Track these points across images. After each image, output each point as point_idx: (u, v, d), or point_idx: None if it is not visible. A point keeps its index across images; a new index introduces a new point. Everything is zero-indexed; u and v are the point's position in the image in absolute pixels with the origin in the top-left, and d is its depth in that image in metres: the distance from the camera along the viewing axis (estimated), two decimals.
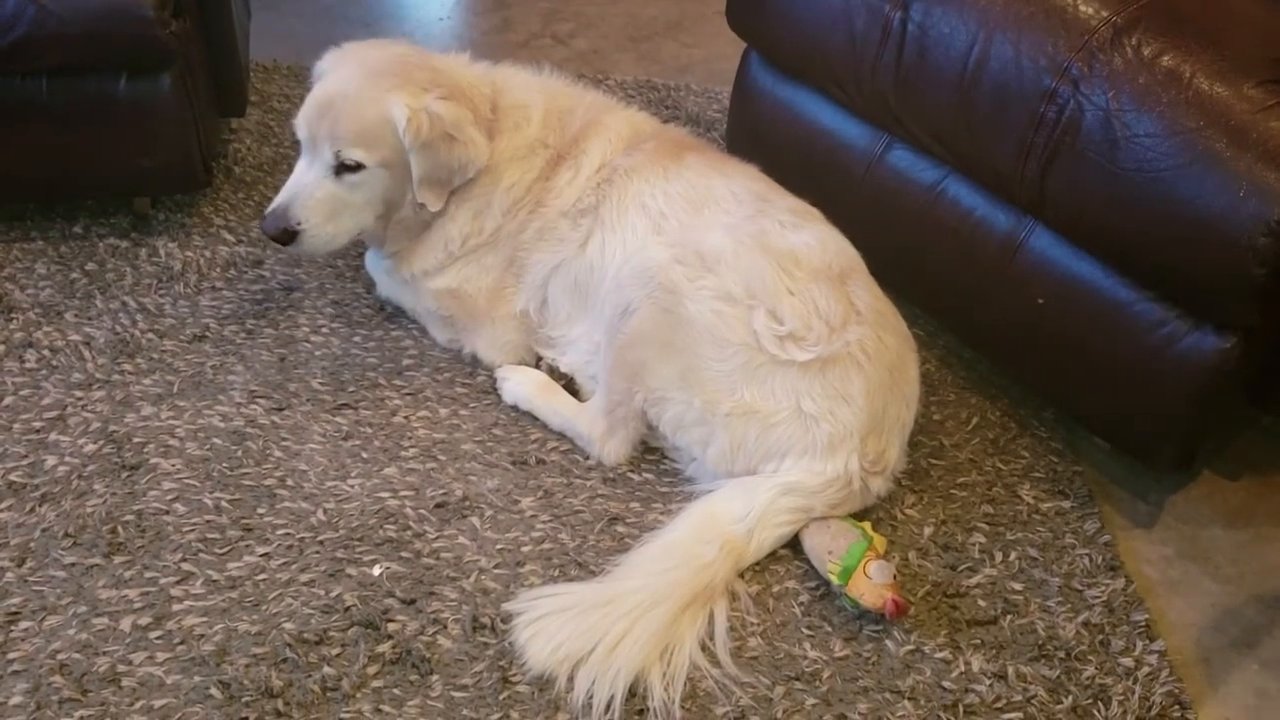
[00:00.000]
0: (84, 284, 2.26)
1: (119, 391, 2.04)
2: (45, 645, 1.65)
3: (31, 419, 1.98)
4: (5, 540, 1.78)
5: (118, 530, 1.81)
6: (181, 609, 1.71)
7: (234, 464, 1.93)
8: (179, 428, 1.99)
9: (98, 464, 1.91)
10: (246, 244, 2.39)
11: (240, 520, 1.84)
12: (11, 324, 2.15)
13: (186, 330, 2.18)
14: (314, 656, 1.66)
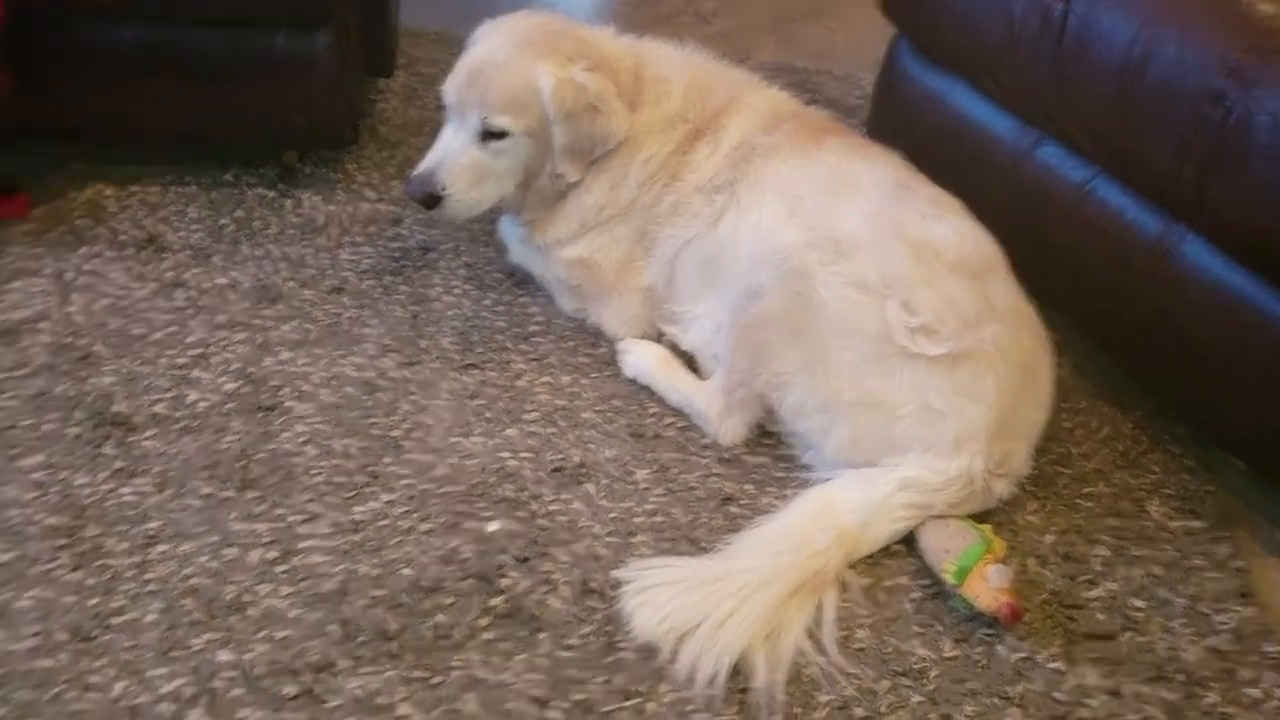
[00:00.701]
0: (232, 230, 2.35)
1: (259, 335, 2.12)
2: (179, 569, 1.73)
3: (177, 355, 2.07)
4: (148, 468, 1.87)
5: (251, 467, 1.88)
6: (307, 547, 1.77)
7: (364, 413, 1.99)
8: (314, 374, 2.05)
9: (236, 403, 1.99)
10: (387, 202, 2.46)
11: (367, 467, 1.90)
12: (164, 263, 2.25)
13: (326, 281, 2.25)
14: (429, 604, 1.70)
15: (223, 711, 1.56)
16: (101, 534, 1.77)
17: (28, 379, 2.00)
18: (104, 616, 1.67)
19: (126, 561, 1.74)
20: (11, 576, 1.71)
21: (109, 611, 1.67)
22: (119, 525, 1.78)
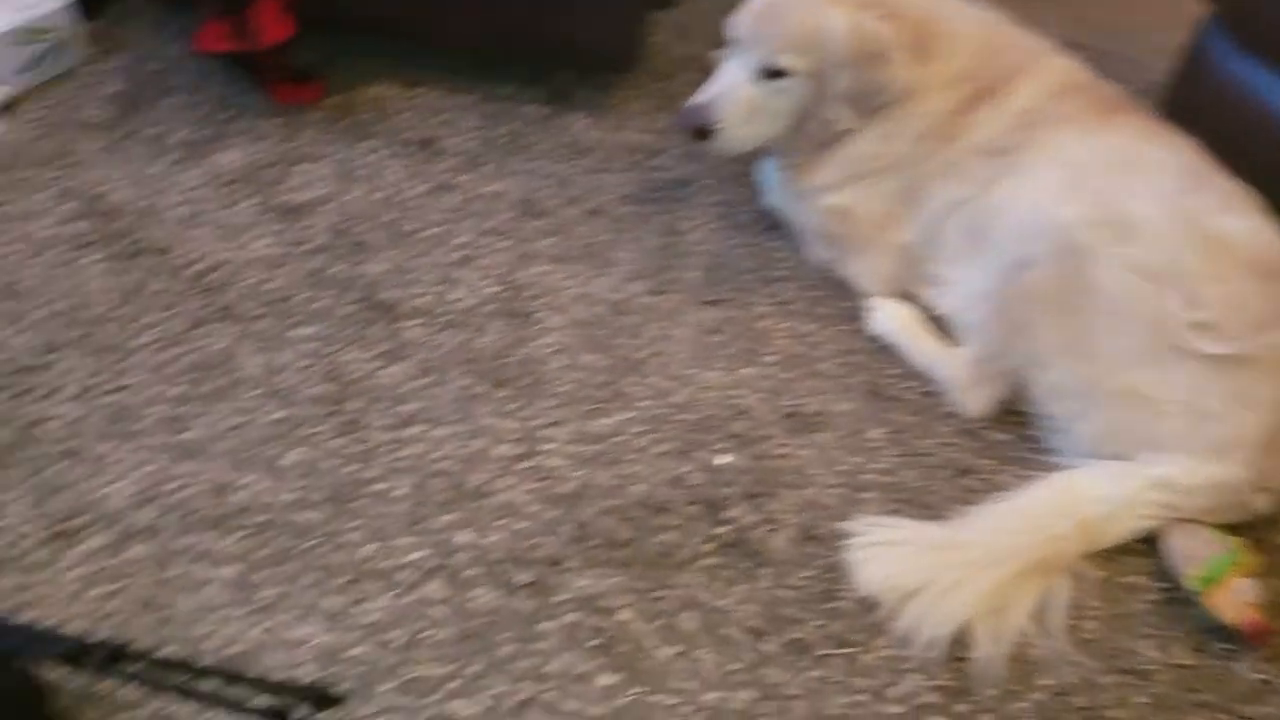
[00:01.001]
0: (504, 143, 2.43)
1: (522, 246, 2.20)
2: (431, 451, 1.83)
3: (444, 254, 2.17)
4: (410, 355, 1.98)
5: (505, 368, 1.96)
6: (549, 449, 1.84)
7: (611, 332, 2.05)
8: (568, 289, 2.12)
9: (495, 305, 2.08)
10: (651, 134, 2.49)
11: (609, 384, 1.96)
12: (439, 166, 2.36)
13: (586, 203, 2.31)
14: (656, 522, 1.75)
15: (459, 586, 1.65)
16: (363, 408, 1.89)
17: (307, 255, 2.14)
18: (360, 483, 1.78)
19: (384, 437, 1.85)
20: (281, 434, 1.84)
21: (364, 480, 1.79)
22: (379, 403, 1.90)
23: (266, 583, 1.65)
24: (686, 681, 1.56)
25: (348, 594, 1.64)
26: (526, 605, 1.64)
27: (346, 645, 1.58)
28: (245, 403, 1.89)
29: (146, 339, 1.97)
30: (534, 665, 1.57)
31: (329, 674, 1.55)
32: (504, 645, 1.59)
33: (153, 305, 2.03)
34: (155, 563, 1.67)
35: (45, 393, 1.89)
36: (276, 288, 2.07)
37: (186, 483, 1.77)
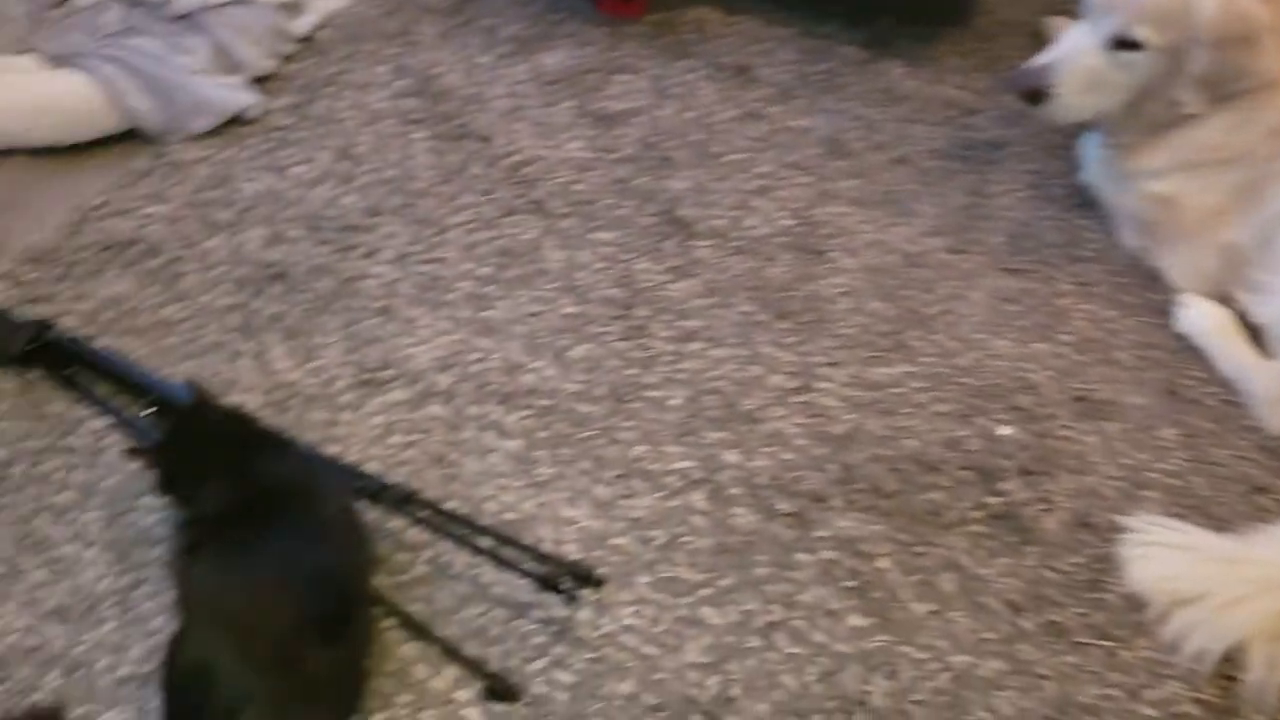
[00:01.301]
0: (818, 80, 2.42)
1: (822, 184, 2.19)
2: (708, 369, 1.86)
3: (745, 180, 2.19)
4: (699, 273, 2.01)
5: (790, 301, 1.97)
6: (824, 388, 1.85)
7: (902, 283, 2.02)
8: (863, 234, 2.10)
9: (788, 238, 2.08)
10: (969, 91, 2.42)
11: (893, 334, 1.93)
12: (751, 94, 2.37)
13: (893, 151, 2.27)
14: (925, 480, 1.73)
15: (721, 502, 1.69)
16: (650, 317, 1.94)
17: (616, 164, 2.21)
18: (638, 387, 1.84)
19: (666, 347, 1.90)
20: (572, 327, 1.92)
21: (642, 384, 1.84)
22: (665, 314, 1.95)
23: (544, 462, 1.73)
24: (937, 639, 1.55)
25: (616, 487, 1.71)
26: (786, 534, 1.65)
27: (610, 534, 1.65)
28: (543, 293, 1.97)
29: (462, 218, 2.09)
30: (786, 592, 1.59)
31: (591, 557, 1.62)
32: (759, 567, 1.62)
33: (470, 188, 2.14)
34: (448, 424, 1.78)
35: (367, 252, 2.03)
36: (583, 190, 2.15)
37: (483, 357, 1.87)
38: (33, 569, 1.61)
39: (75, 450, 1.74)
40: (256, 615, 1.34)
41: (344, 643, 1.39)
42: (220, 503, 1.46)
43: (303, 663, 1.32)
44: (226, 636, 1.32)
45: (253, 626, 1.33)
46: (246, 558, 1.40)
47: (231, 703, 1.28)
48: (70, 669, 1.51)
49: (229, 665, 1.29)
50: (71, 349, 1.80)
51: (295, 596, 1.36)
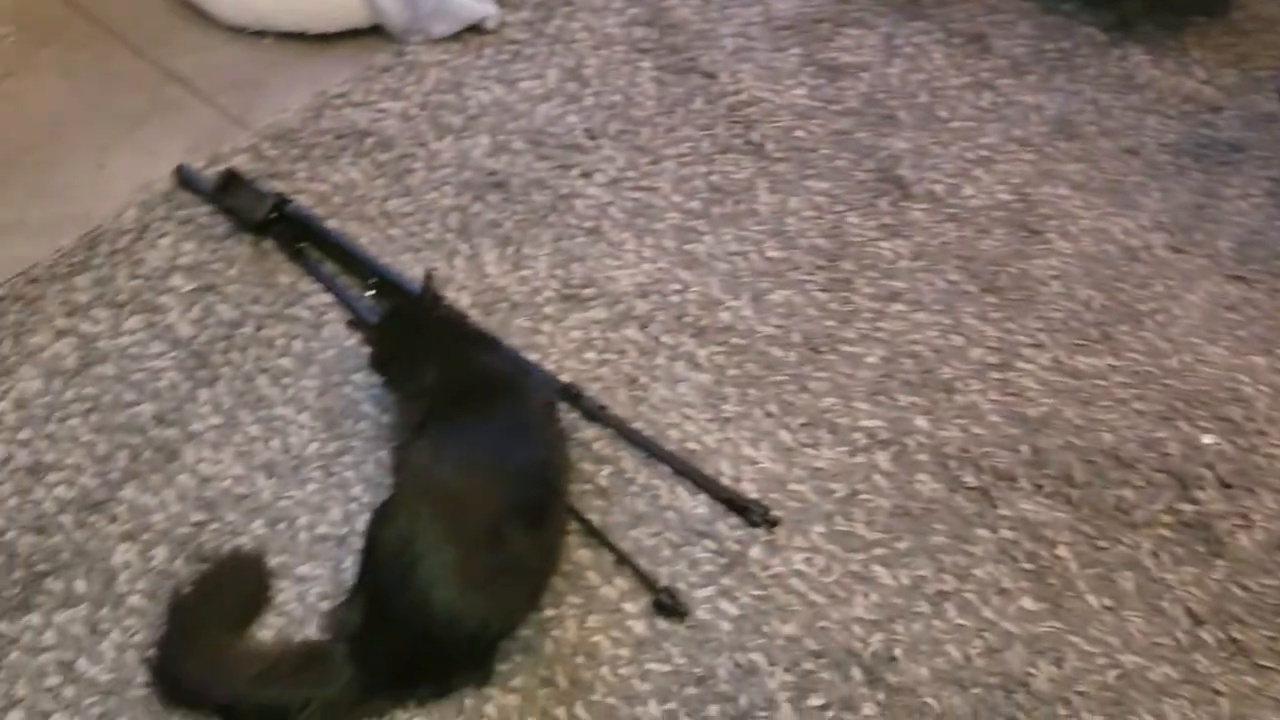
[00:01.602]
0: (1053, 57, 2.34)
1: (1046, 163, 2.13)
2: (909, 332, 1.85)
3: (967, 149, 2.15)
4: (910, 235, 1.99)
5: (999, 276, 1.94)
6: (1024, 369, 1.81)
7: (1117, 275, 1.96)
8: (1083, 219, 2.04)
9: (1005, 213, 2.04)
10: (1213, 87, 2.30)
11: (1102, 325, 1.88)
12: (983, 63, 2.31)
13: (1124, 139, 2.19)
14: (1117, 476, 1.68)
15: (906, 466, 1.68)
16: (855, 272, 1.93)
17: (837, 115, 2.19)
18: (835, 339, 1.84)
19: (868, 305, 1.89)
20: (775, 271, 1.93)
21: (840, 337, 1.84)
22: (870, 271, 1.94)
23: (732, 399, 1.76)
24: (1109, 635, 1.52)
25: (800, 434, 1.72)
26: (968, 507, 1.64)
27: (790, 480, 1.67)
28: (750, 233, 1.99)
29: (678, 151, 2.11)
30: (961, 564, 1.58)
31: (767, 499, 1.64)
32: (936, 535, 1.61)
33: (690, 121, 2.16)
34: (642, 349, 1.82)
35: (583, 172, 2.08)
36: (802, 137, 2.14)
37: (683, 289, 1.90)
38: (249, 424, 1.72)
39: (298, 320, 1.84)
40: (468, 496, 1.41)
41: (542, 532, 1.45)
42: (435, 387, 1.54)
43: (505, 545, 1.38)
44: (437, 512, 1.39)
45: (464, 506, 1.40)
46: (462, 441, 1.47)
47: (433, 576, 1.35)
48: (273, 520, 1.61)
49: (435, 540, 1.36)
50: (306, 225, 1.91)
51: (505, 482, 1.42)
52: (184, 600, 1.51)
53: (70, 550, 1.59)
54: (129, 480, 1.66)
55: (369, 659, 1.40)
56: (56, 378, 1.78)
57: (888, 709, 1.45)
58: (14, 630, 1.51)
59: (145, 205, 2.00)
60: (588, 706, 1.45)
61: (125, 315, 1.85)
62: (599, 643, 1.50)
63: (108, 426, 1.72)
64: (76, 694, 1.46)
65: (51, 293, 1.88)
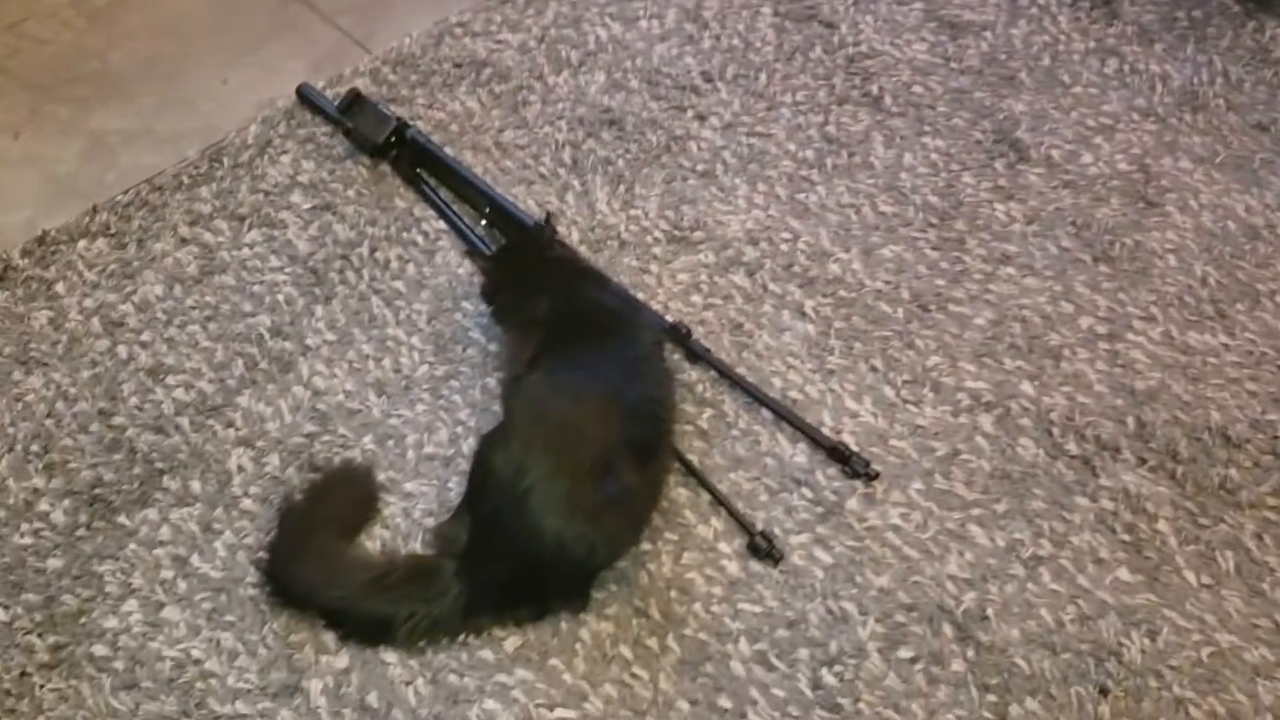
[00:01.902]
0: (1184, 27, 2.28)
1: (1169, 134, 2.08)
2: (1018, 296, 1.84)
3: (1088, 115, 2.10)
4: (1025, 199, 1.97)
5: (1114, 245, 1.91)
6: (1133, 340, 1.79)
7: (1236, 253, 1.91)
8: (1204, 194, 1.99)
9: (1122, 183, 2.00)
10: None
11: (1217, 302, 1.85)
12: (1110, 29, 2.26)
13: (1253, 114, 2.13)
14: (1224, 454, 1.66)
15: (1009, 430, 1.68)
16: (967, 231, 1.92)
17: (957, 73, 2.16)
18: (943, 299, 1.83)
19: (978, 266, 1.87)
20: (887, 226, 1.92)
21: (949, 297, 1.83)
22: (983, 233, 1.92)
23: (836, 351, 1.76)
24: (1205, 614, 1.51)
25: (904, 391, 1.72)
26: (1068, 474, 1.64)
27: (891, 435, 1.67)
28: (863, 186, 1.97)
29: (794, 99, 2.10)
30: (1059, 530, 1.58)
31: (867, 452, 1.64)
32: (1035, 500, 1.61)
33: (808, 70, 2.15)
34: (748, 295, 1.83)
35: (697, 115, 2.07)
36: (920, 93, 2.12)
37: (793, 238, 1.90)
38: (362, 342, 1.76)
39: (413, 245, 1.88)
40: (581, 429, 1.43)
41: (649, 468, 1.47)
42: (548, 321, 1.56)
43: (614, 479, 1.41)
44: (550, 444, 1.42)
45: (576, 439, 1.42)
46: (575, 376, 1.49)
47: (544, 505, 1.39)
48: (383, 437, 1.66)
49: (548, 470, 1.39)
50: (424, 151, 1.93)
51: (618, 417, 1.45)
52: (296, 506, 1.56)
53: (187, 451, 1.65)
54: (245, 388, 1.71)
55: (475, 578, 1.44)
56: (178, 284, 1.83)
57: (977, 666, 1.46)
58: (132, 523, 1.58)
59: (267, 121, 2.04)
60: (679, 640, 1.48)
61: (246, 228, 1.90)
62: (693, 579, 1.53)
63: (226, 335, 1.77)
64: (189, 589, 1.52)
65: (175, 201, 1.93)
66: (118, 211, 1.91)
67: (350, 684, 1.43)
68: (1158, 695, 1.44)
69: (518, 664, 1.45)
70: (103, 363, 1.74)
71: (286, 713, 1.41)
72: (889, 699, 1.43)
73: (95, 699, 1.43)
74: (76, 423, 1.67)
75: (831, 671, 1.45)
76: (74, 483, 1.61)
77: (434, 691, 1.43)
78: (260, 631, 1.48)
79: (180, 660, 1.46)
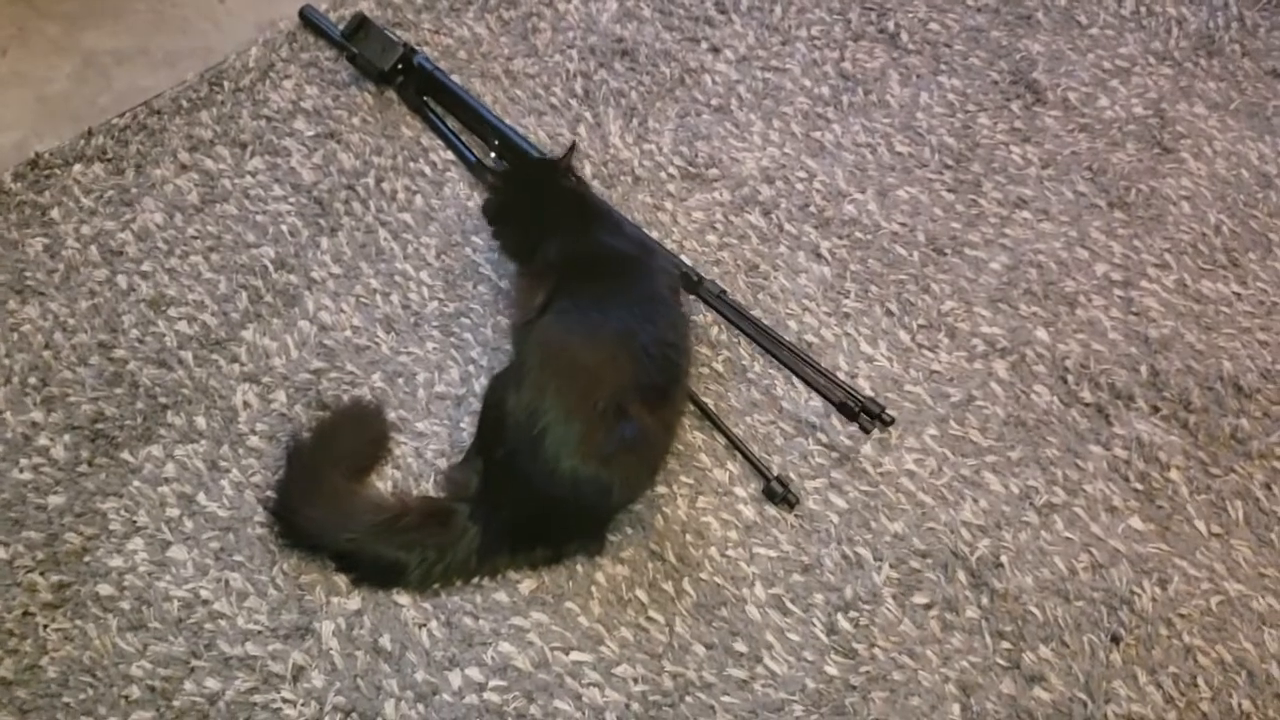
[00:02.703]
0: None
1: (1185, 79, 2.06)
2: (1034, 240, 1.82)
3: (1105, 58, 2.07)
4: (1041, 142, 1.94)
5: (1129, 191, 1.89)
6: (1146, 289, 1.78)
7: (1250, 201, 1.90)
8: (1219, 141, 1.97)
9: (1137, 127, 1.98)
10: None
11: (1230, 250, 1.84)
12: None
13: (1268, 60, 2.10)
14: (1235, 404, 1.67)
15: (1023, 377, 1.67)
16: (982, 174, 1.89)
17: (974, 11, 2.12)
18: (959, 242, 1.81)
19: (994, 210, 1.85)
20: (902, 167, 1.89)
21: (964, 240, 1.82)
22: (998, 175, 1.89)
23: (852, 295, 1.74)
24: (1214, 562, 1.53)
25: (919, 336, 1.71)
26: (1082, 422, 1.64)
27: (906, 381, 1.66)
28: (879, 125, 1.94)
29: (810, 33, 2.05)
30: (1072, 478, 1.59)
31: (882, 397, 1.64)
32: (1049, 448, 1.61)
33: (823, 4, 2.10)
34: (764, 235, 1.80)
35: (712, 47, 2.02)
36: (938, 31, 2.08)
37: (808, 178, 1.87)
38: (369, 276, 1.72)
39: (420, 175, 1.83)
40: (596, 371, 1.41)
41: (663, 411, 1.45)
42: (561, 262, 1.53)
43: (629, 421, 1.39)
44: (564, 385, 1.39)
45: (591, 381, 1.40)
46: (589, 318, 1.46)
47: (558, 448, 1.37)
48: (392, 375, 1.63)
49: (562, 412, 1.37)
50: (432, 79, 1.87)
51: (632, 360, 1.42)
52: (304, 445, 1.53)
53: (192, 386, 1.61)
54: (250, 322, 1.67)
55: (490, 522, 1.42)
56: (178, 212, 1.78)
57: (990, 613, 1.47)
58: (136, 460, 1.55)
59: (269, 44, 1.97)
60: (694, 583, 1.47)
61: (248, 155, 1.84)
62: (709, 523, 1.52)
63: (229, 266, 1.72)
64: (195, 527, 1.50)
65: (174, 125, 1.87)
66: (114, 135, 1.85)
67: (363, 626, 1.42)
68: (1168, 643, 1.46)
69: (533, 607, 1.44)
70: (102, 293, 1.69)
71: (298, 654, 1.40)
72: (903, 645, 1.44)
73: (101, 639, 1.40)
74: (76, 355, 1.63)
75: (846, 617, 1.45)
76: (74, 417, 1.57)
77: (448, 634, 1.42)
78: (270, 572, 1.46)
79: (188, 600, 1.44)
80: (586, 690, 1.39)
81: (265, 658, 1.40)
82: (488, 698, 1.37)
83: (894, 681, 1.41)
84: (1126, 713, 1.40)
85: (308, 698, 1.37)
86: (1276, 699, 1.42)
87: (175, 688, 1.37)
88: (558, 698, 1.38)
